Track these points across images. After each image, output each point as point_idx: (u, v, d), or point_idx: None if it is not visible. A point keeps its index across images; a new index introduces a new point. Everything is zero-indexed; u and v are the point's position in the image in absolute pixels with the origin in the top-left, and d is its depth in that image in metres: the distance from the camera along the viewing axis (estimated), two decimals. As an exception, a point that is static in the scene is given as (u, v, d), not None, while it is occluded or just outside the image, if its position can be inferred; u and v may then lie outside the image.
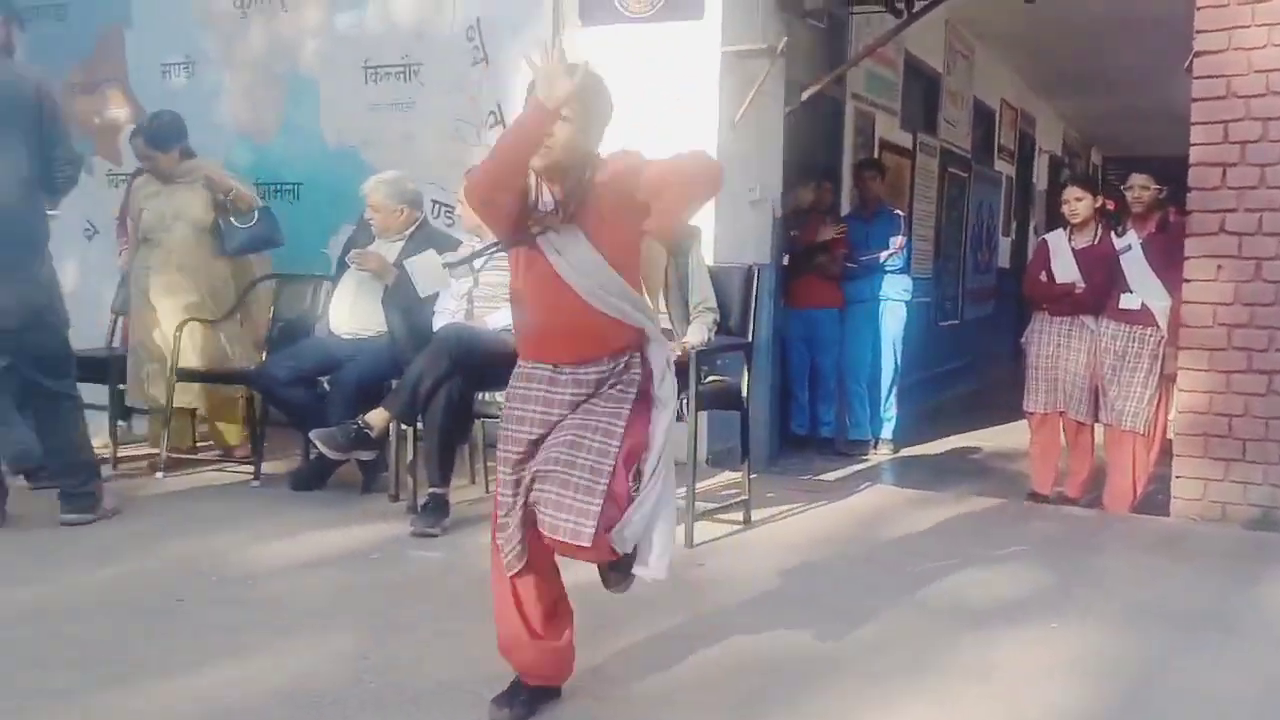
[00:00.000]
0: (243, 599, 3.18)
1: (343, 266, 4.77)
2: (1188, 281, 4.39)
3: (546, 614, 2.43)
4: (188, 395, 4.88)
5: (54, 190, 3.94)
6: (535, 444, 2.31)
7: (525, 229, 2.29)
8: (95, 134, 6.55)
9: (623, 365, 2.32)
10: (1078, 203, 4.96)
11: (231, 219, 4.92)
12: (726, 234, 5.17)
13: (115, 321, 5.43)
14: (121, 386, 5.01)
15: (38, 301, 3.82)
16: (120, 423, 5.20)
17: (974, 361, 10.03)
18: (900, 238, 6.41)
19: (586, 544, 2.18)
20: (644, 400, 2.34)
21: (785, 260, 6.13)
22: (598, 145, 2.34)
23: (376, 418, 3.94)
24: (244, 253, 5.02)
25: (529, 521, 2.30)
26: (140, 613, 3.06)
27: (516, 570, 2.36)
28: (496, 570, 2.42)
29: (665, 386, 2.36)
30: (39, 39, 6.45)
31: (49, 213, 4.03)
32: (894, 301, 6.48)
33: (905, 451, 6.59)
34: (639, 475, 2.31)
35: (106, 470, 4.54)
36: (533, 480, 2.26)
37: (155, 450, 4.87)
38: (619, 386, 2.31)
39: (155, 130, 4.95)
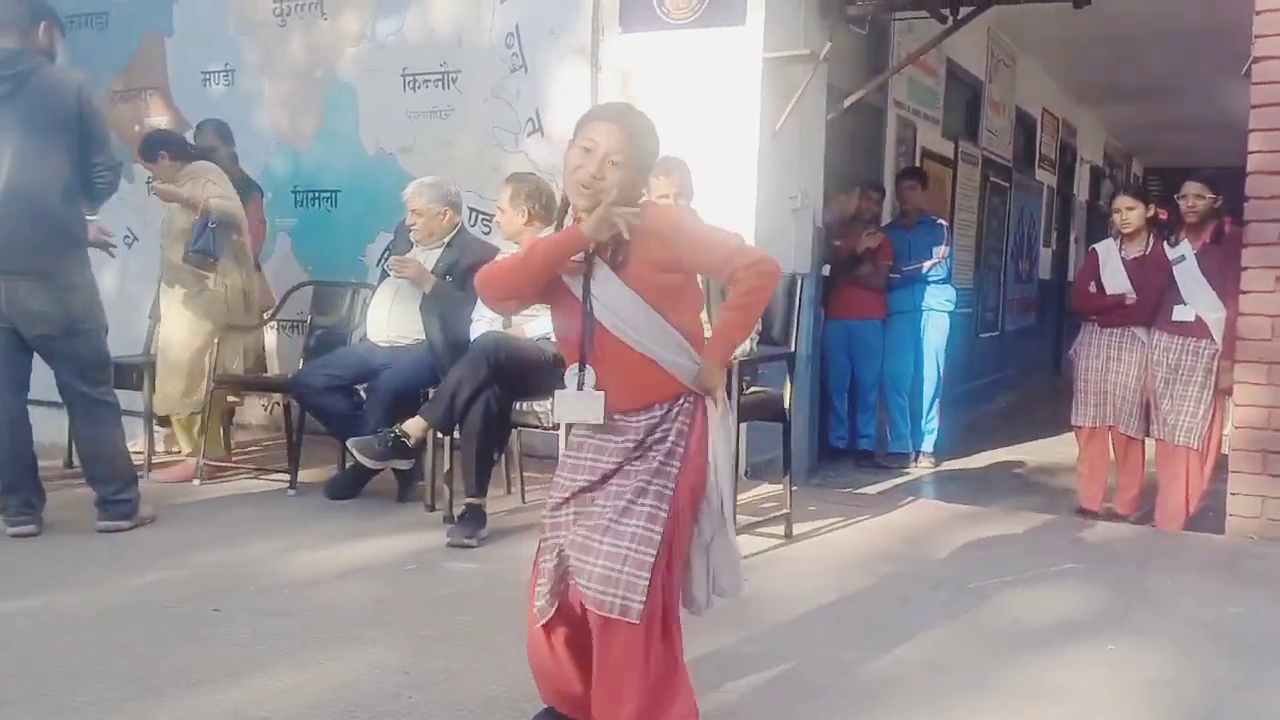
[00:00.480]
0: (279, 609, 3.14)
1: (383, 274, 4.74)
2: (1244, 293, 4.26)
3: (585, 667, 2.23)
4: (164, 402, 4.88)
5: (94, 196, 3.94)
6: (583, 490, 2.17)
7: (550, 288, 2.20)
8: (135, 142, 6.57)
9: (676, 411, 2.16)
10: (1129, 212, 4.85)
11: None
12: (767, 242, 5.08)
13: (153, 328, 5.44)
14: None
15: (77, 308, 3.82)
16: (158, 429, 5.20)
17: (1015, 373, 9.89)
18: (944, 247, 6.31)
19: (635, 620, 2.05)
20: (698, 456, 2.16)
21: (826, 270, 6.04)
22: (643, 187, 2.26)
23: (413, 426, 3.89)
24: (193, 262, 4.78)
25: (564, 577, 2.16)
26: (177, 622, 3.03)
27: (546, 620, 2.21)
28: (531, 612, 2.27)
29: (720, 444, 2.19)
30: (80, 47, 6.52)
31: (89, 218, 4.03)
32: (937, 312, 6.37)
33: (946, 465, 6.47)
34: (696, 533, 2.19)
35: (142, 477, 4.54)
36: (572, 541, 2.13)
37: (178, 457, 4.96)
38: (671, 439, 2.14)
39: (141, 144, 5.05)
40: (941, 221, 6.60)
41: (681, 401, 2.17)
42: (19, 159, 3.68)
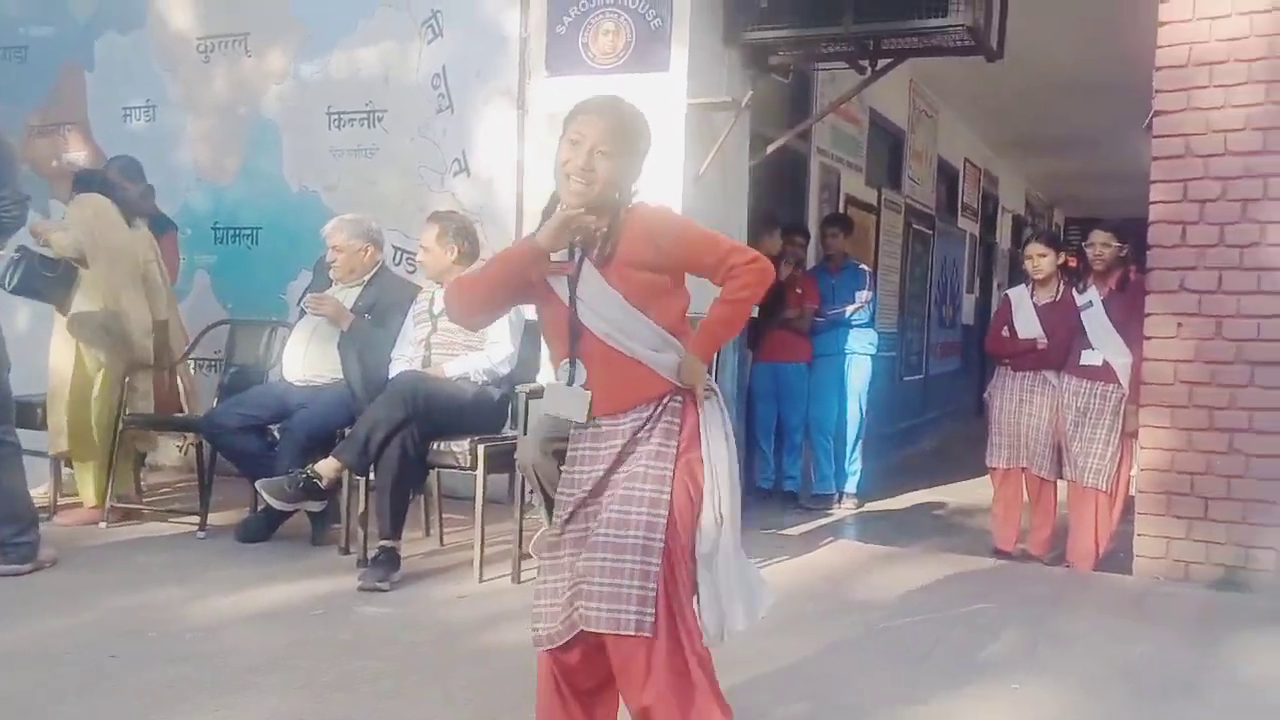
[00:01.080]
0: (179, 656, 3.04)
1: (302, 312, 4.68)
2: (1148, 339, 4.39)
3: (591, 694, 2.20)
4: (59, 439, 4.69)
5: (0, 231, 3.84)
6: (580, 506, 2.16)
7: (531, 288, 2.20)
8: (52, 177, 6.45)
9: (660, 410, 2.13)
10: (1041, 259, 4.99)
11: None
12: (691, 286, 5.12)
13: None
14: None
15: None
16: (66, 470, 5.05)
17: (939, 416, 10.05)
18: (866, 292, 6.42)
19: (649, 634, 2.01)
20: (689, 453, 2.13)
21: (754, 311, 6.09)
22: (634, 182, 2.20)
23: (326, 467, 3.83)
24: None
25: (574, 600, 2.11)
26: (72, 669, 2.92)
27: (548, 646, 2.16)
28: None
29: (715, 444, 2.15)
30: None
31: None
32: (860, 355, 6.46)
33: (869, 506, 6.53)
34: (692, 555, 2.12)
35: (45, 519, 4.39)
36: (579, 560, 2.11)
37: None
38: (657, 440, 2.12)
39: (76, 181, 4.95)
40: (864, 267, 6.72)
41: (667, 400, 2.14)
42: None
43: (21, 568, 3.79)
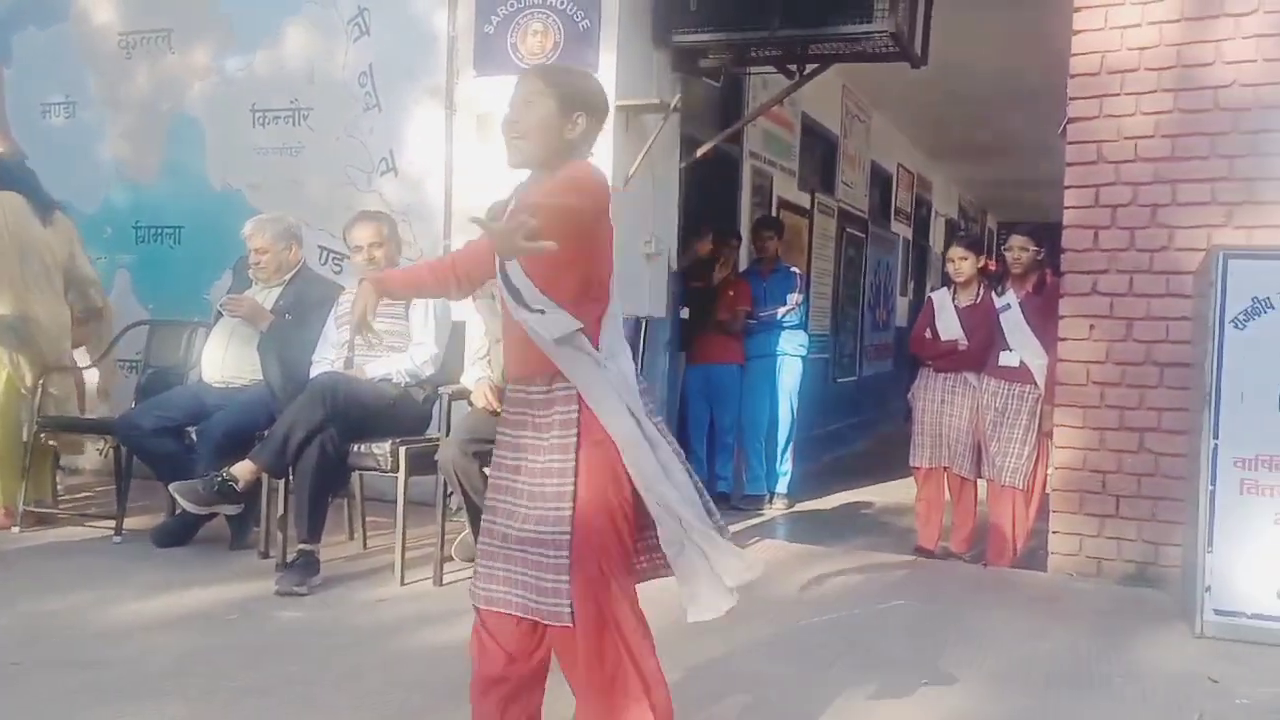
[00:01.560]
0: (85, 662, 2.98)
1: (218, 313, 4.62)
2: (1062, 340, 4.49)
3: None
4: None
5: None
6: (505, 474, 2.16)
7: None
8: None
9: (552, 395, 2.10)
10: (962, 261, 5.08)
11: None
12: (620, 286, 5.11)
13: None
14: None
15: None
16: None
17: (872, 418, 10.16)
18: (797, 294, 6.48)
19: (569, 623, 2.06)
20: (591, 442, 2.08)
21: (684, 313, 6.13)
22: (576, 134, 2.14)
23: (242, 469, 3.78)
24: None
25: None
26: (-33, 678, 2.85)
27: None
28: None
29: (615, 421, 2.08)
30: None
31: None
32: (790, 357, 6.52)
33: (800, 507, 6.59)
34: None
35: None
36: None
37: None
38: (556, 433, 2.09)
39: None
40: (795, 270, 6.77)
41: (557, 388, 2.10)
42: None
43: None
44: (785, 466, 6.58)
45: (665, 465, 2.12)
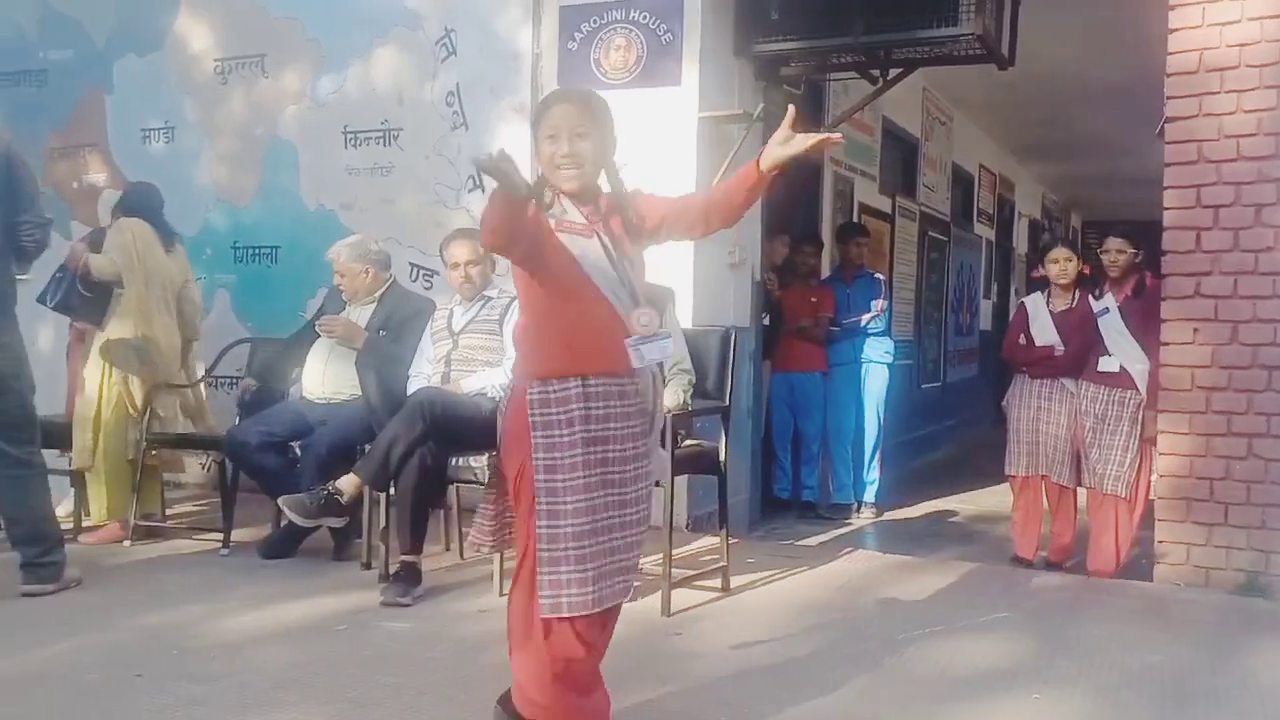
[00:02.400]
0: (203, 674, 3.08)
1: (307, 330, 4.74)
2: (1165, 345, 4.38)
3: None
4: (84, 456, 4.75)
5: (22, 255, 3.89)
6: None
7: (542, 244, 2.30)
8: (74, 199, 6.54)
9: (636, 382, 2.38)
10: (1067, 263, 4.95)
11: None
12: (705, 296, 5.17)
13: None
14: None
15: (2, 367, 3.76)
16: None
17: (956, 424, 10.02)
18: (881, 300, 6.43)
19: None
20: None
21: (765, 320, 6.12)
22: (613, 155, 2.40)
23: (347, 483, 3.87)
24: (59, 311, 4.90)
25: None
26: (96, 688, 2.96)
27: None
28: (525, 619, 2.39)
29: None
30: (19, 105, 6.51)
31: (20, 278, 3.98)
32: (876, 364, 6.47)
33: (887, 515, 6.53)
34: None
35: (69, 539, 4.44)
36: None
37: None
38: (635, 417, 2.39)
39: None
40: (879, 275, 6.72)
41: (636, 373, 2.41)
42: None
43: (46, 587, 3.83)
44: (872, 475, 6.53)
45: None
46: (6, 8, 6.71)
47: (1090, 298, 4.90)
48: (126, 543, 4.69)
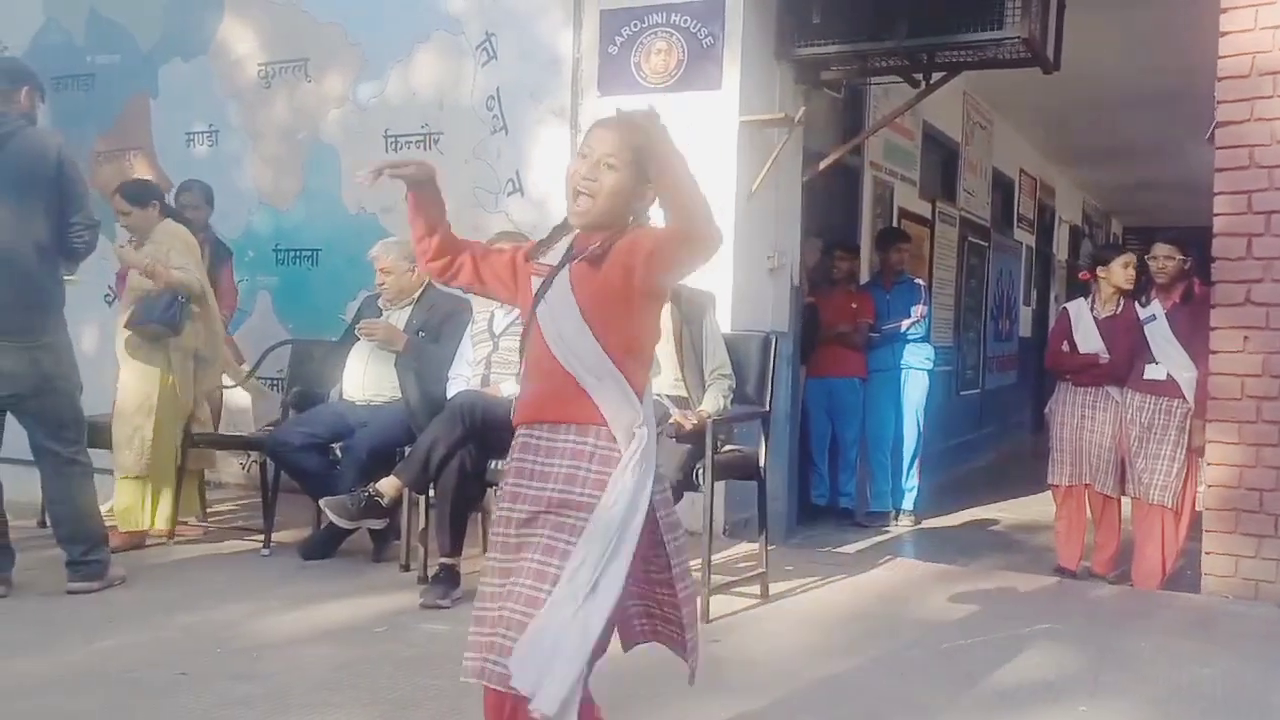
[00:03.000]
0: (246, 673, 3.10)
1: (349, 333, 4.76)
2: (1214, 353, 4.31)
3: None
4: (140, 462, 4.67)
5: (71, 256, 3.95)
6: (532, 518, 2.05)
7: (514, 282, 2.20)
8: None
9: (594, 452, 2.03)
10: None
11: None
12: (744, 301, 5.14)
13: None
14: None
15: (51, 367, 3.81)
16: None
17: (995, 431, 9.92)
18: (921, 306, 6.37)
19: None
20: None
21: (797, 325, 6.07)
22: (645, 204, 2.11)
23: (388, 486, 3.88)
24: (148, 333, 4.68)
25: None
26: (142, 686, 2.98)
27: None
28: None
29: (617, 492, 2.00)
30: (65, 108, 6.60)
31: (68, 278, 4.03)
32: (916, 370, 6.42)
33: (926, 523, 6.47)
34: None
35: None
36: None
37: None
38: (589, 489, 2.01)
39: (130, 186, 4.96)
40: (919, 281, 6.66)
41: (602, 438, 2.03)
42: None
43: (91, 585, 3.87)
44: (911, 483, 6.47)
45: None
46: (55, 13, 6.82)
47: (1136, 304, 4.82)
48: (170, 542, 4.72)
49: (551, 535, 2.03)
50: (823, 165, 5.80)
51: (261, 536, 4.65)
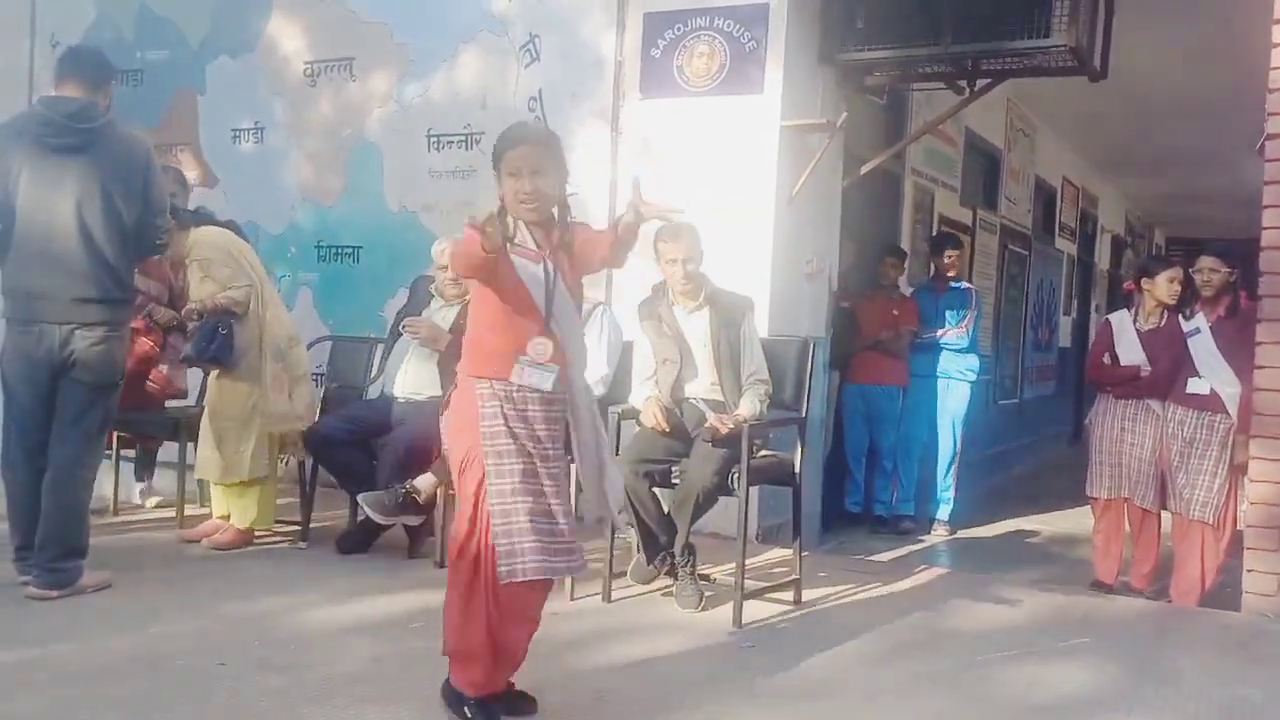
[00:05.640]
0: (284, 665, 3.14)
1: (394, 330, 4.79)
2: (1260, 368, 4.24)
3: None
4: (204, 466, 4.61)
5: (149, 253, 4.02)
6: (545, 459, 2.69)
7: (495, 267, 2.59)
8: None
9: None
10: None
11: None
12: (780, 306, 5.13)
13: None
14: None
15: (119, 360, 3.84)
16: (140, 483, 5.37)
17: (1034, 441, 9.83)
18: (971, 312, 6.31)
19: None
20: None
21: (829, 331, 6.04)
22: (563, 189, 2.69)
23: (425, 483, 3.92)
24: (196, 365, 4.66)
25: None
26: (182, 675, 3.03)
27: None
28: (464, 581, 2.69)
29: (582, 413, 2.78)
30: (115, 103, 6.58)
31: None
32: (958, 381, 6.36)
33: (962, 533, 6.42)
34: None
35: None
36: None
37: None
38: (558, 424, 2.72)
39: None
40: (971, 287, 6.58)
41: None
42: (86, 211, 3.70)
43: (49, 593, 3.67)
44: (948, 492, 6.42)
45: None
46: (105, 9, 6.93)
47: (1180, 317, 4.76)
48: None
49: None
50: (863, 171, 5.78)
51: (298, 529, 4.69)
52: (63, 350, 3.70)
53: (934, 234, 6.94)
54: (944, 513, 6.41)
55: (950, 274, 6.42)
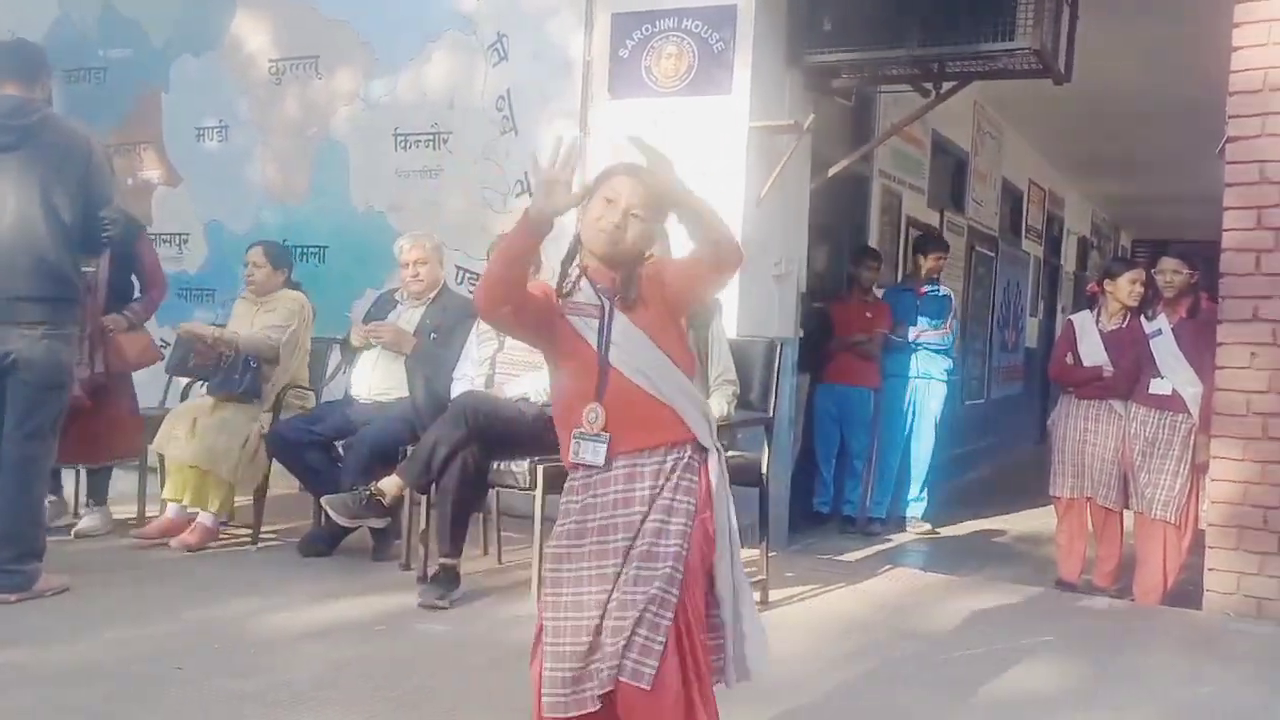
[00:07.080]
0: (243, 669, 3.10)
1: (345, 339, 4.76)
2: (1220, 369, 4.29)
3: None
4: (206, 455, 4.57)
5: (96, 249, 3.93)
6: (595, 545, 2.13)
7: (550, 324, 2.19)
8: (128, 194, 6.63)
9: (683, 462, 2.12)
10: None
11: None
12: (749, 307, 5.14)
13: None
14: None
15: (66, 358, 3.78)
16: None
17: (1000, 441, 9.89)
18: (950, 322, 6.35)
19: (647, 686, 1.99)
20: (704, 514, 2.12)
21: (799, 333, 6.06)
22: (657, 239, 2.33)
23: (389, 485, 3.88)
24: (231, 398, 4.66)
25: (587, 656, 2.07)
26: (138, 680, 2.98)
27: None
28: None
29: (728, 506, 2.17)
30: (78, 101, 6.61)
31: (85, 269, 4.00)
32: (936, 381, 6.39)
33: (928, 533, 6.45)
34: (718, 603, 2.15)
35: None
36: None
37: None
38: (681, 496, 2.10)
39: (282, 248, 5.10)
40: (949, 293, 6.60)
41: (688, 451, 2.13)
42: (24, 209, 3.63)
43: (8, 597, 3.59)
44: (919, 492, 6.45)
45: None
46: (68, 6, 6.84)
47: (1142, 318, 4.81)
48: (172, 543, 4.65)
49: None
50: (831, 172, 5.79)
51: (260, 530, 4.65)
52: (2, 350, 3.63)
53: (919, 234, 6.96)
54: (919, 510, 6.45)
55: (935, 276, 6.45)
